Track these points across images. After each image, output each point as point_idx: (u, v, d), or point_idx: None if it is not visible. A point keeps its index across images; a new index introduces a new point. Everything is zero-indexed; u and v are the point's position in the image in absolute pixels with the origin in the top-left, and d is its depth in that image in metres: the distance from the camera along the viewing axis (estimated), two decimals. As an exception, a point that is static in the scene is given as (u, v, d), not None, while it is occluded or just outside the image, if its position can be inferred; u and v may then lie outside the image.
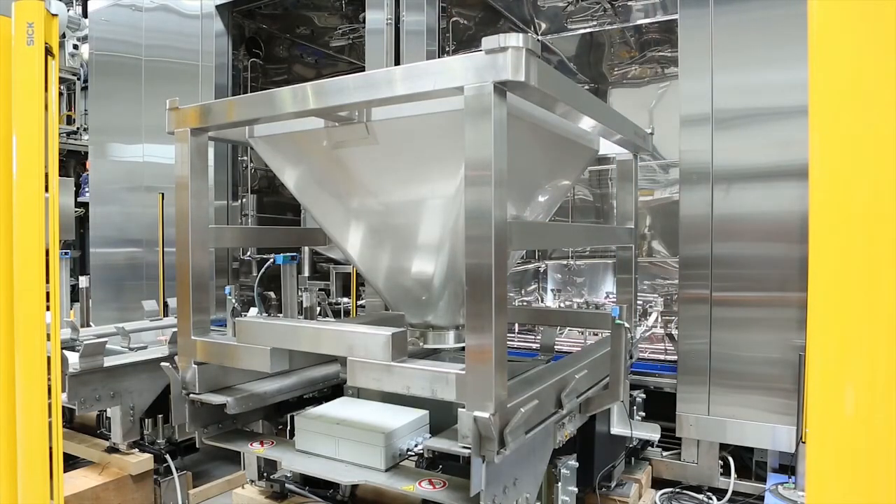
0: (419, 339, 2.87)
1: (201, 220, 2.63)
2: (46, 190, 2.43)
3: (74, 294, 5.52)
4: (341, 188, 2.66)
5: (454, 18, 5.43)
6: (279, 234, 3.90)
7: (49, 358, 2.48)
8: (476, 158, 1.89)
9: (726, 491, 3.62)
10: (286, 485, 3.11)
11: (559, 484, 2.60)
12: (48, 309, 2.47)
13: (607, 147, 3.25)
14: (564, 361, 2.87)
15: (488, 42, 1.84)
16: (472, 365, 1.94)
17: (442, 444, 2.16)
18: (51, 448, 2.44)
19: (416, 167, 2.40)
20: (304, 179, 2.81)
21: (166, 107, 2.65)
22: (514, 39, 1.81)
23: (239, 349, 2.47)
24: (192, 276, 2.59)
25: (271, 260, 3.52)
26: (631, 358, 3.21)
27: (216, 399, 2.57)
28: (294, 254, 3.48)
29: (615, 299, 4.28)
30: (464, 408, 1.95)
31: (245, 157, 6.35)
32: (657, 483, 3.79)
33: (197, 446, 2.81)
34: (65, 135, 12.19)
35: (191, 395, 2.60)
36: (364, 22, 4.98)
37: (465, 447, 1.95)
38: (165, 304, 5.32)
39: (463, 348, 2.34)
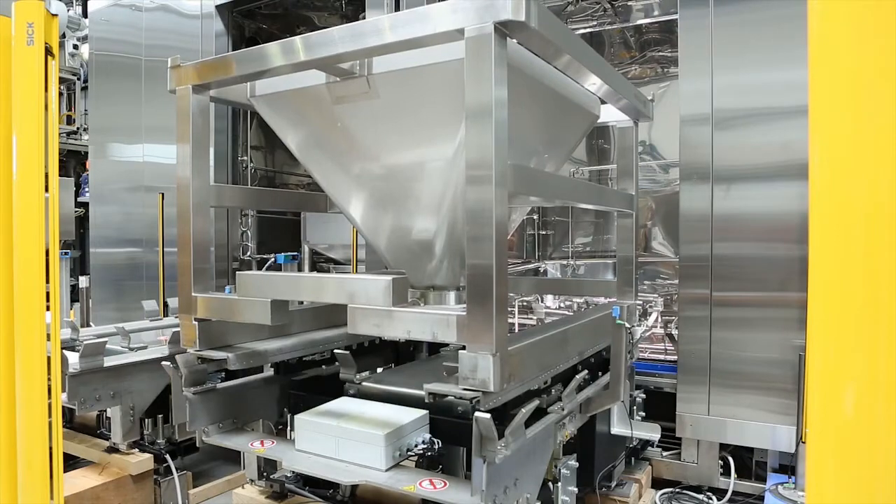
0: (420, 300, 2.81)
1: (203, 179, 2.64)
2: (46, 190, 2.43)
3: (74, 294, 5.52)
4: (343, 146, 2.62)
5: (454, 18, 5.43)
6: (279, 196, 3.80)
7: (49, 358, 2.47)
8: (477, 101, 1.88)
9: (726, 491, 3.62)
10: (286, 485, 3.12)
11: (559, 484, 2.60)
12: (48, 309, 2.47)
13: (608, 114, 3.22)
14: (561, 319, 2.85)
15: None
16: (472, 306, 1.93)
17: (444, 388, 2.15)
18: (51, 448, 2.43)
19: (418, 120, 2.37)
20: (306, 139, 2.78)
21: (168, 65, 2.66)
22: None
23: (239, 303, 2.47)
24: (193, 234, 2.60)
25: (272, 259, 3.52)
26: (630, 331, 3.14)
27: (217, 355, 2.56)
28: (295, 253, 3.49)
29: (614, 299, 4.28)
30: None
31: (245, 158, 6.35)
32: (657, 483, 3.79)
33: (197, 446, 2.82)
34: (65, 135, 12.19)
35: (190, 351, 2.59)
36: (364, 22, 4.97)
37: (466, 389, 1.96)
38: (165, 304, 5.31)
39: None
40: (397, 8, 4.70)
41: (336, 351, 2.84)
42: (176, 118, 2.62)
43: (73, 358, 3.36)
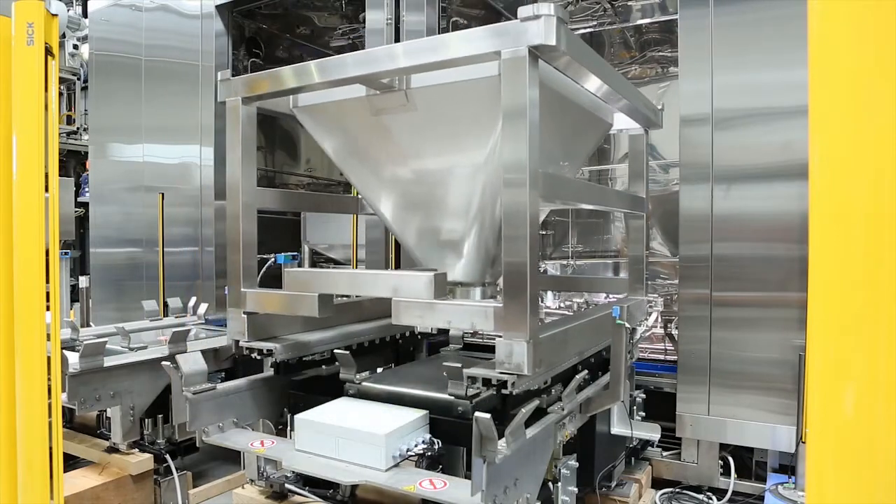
0: (448, 295, 2.88)
1: (250, 183, 2.85)
2: (46, 190, 2.43)
3: (74, 294, 5.52)
4: (380, 153, 2.82)
5: (454, 18, 5.43)
6: (314, 198, 4.15)
7: (49, 358, 2.47)
8: (513, 115, 2.11)
9: (726, 491, 3.62)
10: (286, 485, 3.11)
11: (559, 484, 2.60)
12: (48, 309, 2.47)
13: (620, 122, 3.41)
14: (578, 314, 3.06)
15: (523, 11, 2.04)
16: (508, 299, 2.16)
17: (482, 371, 2.29)
18: (51, 448, 2.43)
19: (451, 131, 2.57)
20: (344, 146, 2.98)
21: (219, 76, 2.90)
22: (546, 8, 2.02)
23: (288, 297, 2.69)
24: (242, 235, 2.82)
25: (272, 259, 3.53)
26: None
27: (265, 346, 2.77)
28: (295, 253, 3.50)
29: (614, 299, 4.29)
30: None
31: (245, 157, 6.34)
32: (657, 483, 3.79)
33: (197, 446, 2.82)
34: (65, 135, 12.18)
35: (240, 343, 2.82)
36: (364, 22, 4.98)
37: (503, 373, 2.18)
38: (165, 304, 5.31)
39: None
40: (397, 8, 4.70)
41: (336, 351, 2.85)
42: (227, 127, 2.85)
43: (73, 358, 3.36)
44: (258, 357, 2.85)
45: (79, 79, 12.52)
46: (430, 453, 2.33)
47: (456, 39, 2.21)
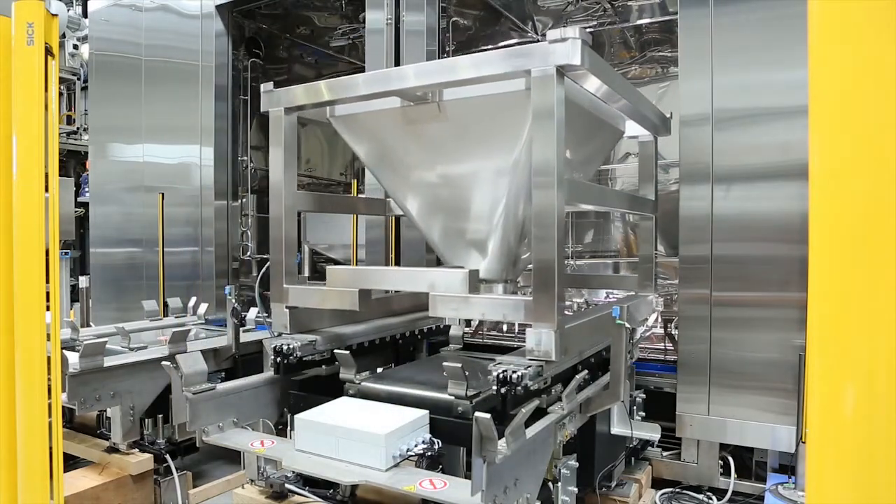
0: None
1: (292, 187, 3.05)
2: (46, 190, 2.43)
3: (74, 294, 5.52)
4: (411, 158, 3.02)
5: (454, 18, 5.43)
6: (343, 201, 4.40)
7: (49, 358, 2.47)
8: (541, 126, 2.32)
9: (726, 491, 3.62)
10: (286, 485, 3.11)
11: (559, 484, 2.60)
12: (48, 309, 2.47)
13: (631, 129, 3.55)
14: (596, 307, 3.19)
15: (552, 34, 2.28)
16: (537, 293, 2.36)
17: (512, 359, 2.42)
18: (51, 448, 2.43)
19: (479, 140, 2.77)
20: (376, 151, 3.17)
21: (263, 88, 3.07)
22: (572, 31, 2.26)
23: (330, 292, 2.90)
24: (284, 233, 3.03)
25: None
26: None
27: (307, 338, 2.95)
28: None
29: (614, 299, 4.29)
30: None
31: (245, 157, 6.35)
32: (657, 483, 3.79)
33: (197, 446, 2.82)
34: (65, 135, 12.18)
35: (282, 335, 3.00)
36: (364, 22, 4.98)
37: (532, 359, 2.36)
38: (165, 304, 5.31)
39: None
40: (397, 8, 4.70)
41: (336, 351, 2.85)
42: (270, 135, 3.06)
43: (73, 358, 3.36)
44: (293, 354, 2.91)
45: (79, 79, 12.52)
46: (430, 453, 2.32)
47: (494, 58, 2.42)
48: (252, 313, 4.72)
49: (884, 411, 1.50)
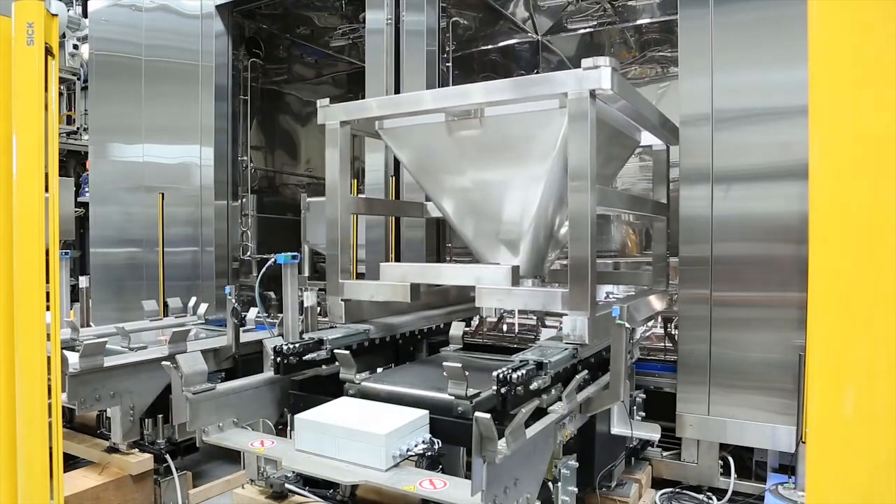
0: None
1: (346, 191, 3.38)
2: (46, 190, 2.43)
3: (74, 294, 5.52)
4: (452, 166, 3.31)
5: (454, 18, 5.44)
6: (384, 204, 4.61)
7: (49, 358, 2.47)
8: (577, 138, 2.65)
9: (726, 491, 3.62)
10: (286, 485, 3.11)
11: (559, 484, 2.60)
12: (48, 309, 2.47)
13: (646, 139, 3.82)
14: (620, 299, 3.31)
15: (586, 62, 2.61)
16: (573, 285, 2.67)
17: (551, 343, 2.74)
18: (51, 448, 2.43)
19: (516, 151, 3.05)
20: (420, 160, 3.46)
21: (319, 104, 3.37)
22: (604, 61, 2.59)
23: (383, 286, 3.20)
24: (339, 232, 3.34)
25: (272, 259, 3.53)
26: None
27: (360, 327, 3.23)
28: (295, 253, 3.50)
29: (614, 299, 4.29)
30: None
31: (245, 157, 6.35)
32: (657, 483, 3.79)
33: (197, 446, 2.81)
34: (65, 135, 12.19)
35: (336, 325, 3.28)
36: (364, 22, 4.98)
37: (569, 343, 2.66)
38: (165, 304, 5.32)
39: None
40: (397, 8, 4.70)
41: (336, 351, 2.85)
42: (326, 145, 3.35)
43: (73, 358, 3.36)
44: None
45: (79, 79, 12.53)
46: (430, 453, 2.32)
47: (538, 82, 2.77)
48: (252, 313, 4.73)
49: (884, 411, 1.50)
